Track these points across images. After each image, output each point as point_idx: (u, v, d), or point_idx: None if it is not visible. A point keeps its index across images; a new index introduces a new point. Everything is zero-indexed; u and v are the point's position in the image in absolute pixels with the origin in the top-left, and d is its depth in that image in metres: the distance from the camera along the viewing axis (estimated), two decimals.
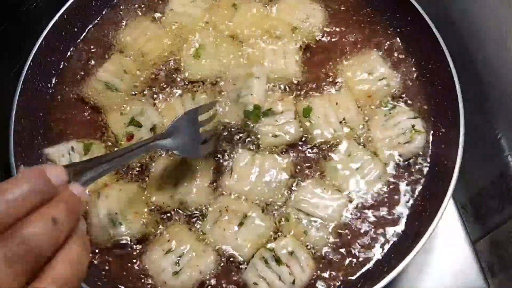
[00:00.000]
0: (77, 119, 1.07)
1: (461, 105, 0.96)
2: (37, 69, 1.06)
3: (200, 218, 0.95)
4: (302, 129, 1.02)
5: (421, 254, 0.90)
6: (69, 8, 1.12)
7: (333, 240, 0.93)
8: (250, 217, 0.92)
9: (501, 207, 1.04)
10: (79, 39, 1.17)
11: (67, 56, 1.15)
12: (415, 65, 1.10)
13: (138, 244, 0.94)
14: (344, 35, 1.14)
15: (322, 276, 0.91)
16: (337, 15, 1.17)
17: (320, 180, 0.98)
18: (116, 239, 0.93)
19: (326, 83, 1.08)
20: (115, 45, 1.15)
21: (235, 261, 0.92)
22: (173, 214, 0.96)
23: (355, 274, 0.92)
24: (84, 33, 1.18)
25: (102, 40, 1.16)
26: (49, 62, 1.11)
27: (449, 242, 1.09)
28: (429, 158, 1.01)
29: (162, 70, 1.11)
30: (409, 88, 1.08)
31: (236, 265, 0.92)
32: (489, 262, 1.10)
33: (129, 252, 0.94)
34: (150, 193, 0.97)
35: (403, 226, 0.96)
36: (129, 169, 1.00)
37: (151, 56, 1.12)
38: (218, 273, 0.91)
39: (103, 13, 1.20)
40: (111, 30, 1.17)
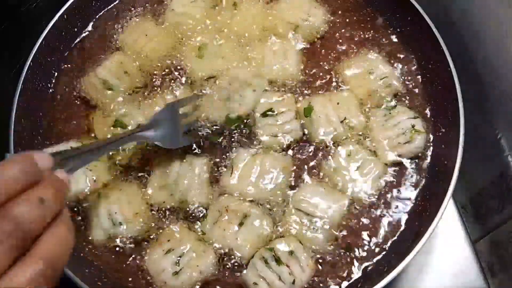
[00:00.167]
0: (77, 119, 1.07)
1: (461, 105, 0.96)
2: (37, 69, 1.06)
3: (200, 218, 0.95)
4: (302, 129, 1.02)
5: (421, 254, 0.90)
6: (69, 8, 1.12)
7: (333, 240, 0.93)
8: (250, 217, 0.92)
9: (501, 207, 1.04)
10: (79, 39, 1.17)
11: (67, 56, 1.15)
12: (415, 65, 1.10)
13: (138, 244, 0.94)
14: (344, 35, 1.14)
15: (322, 276, 0.91)
16: (337, 15, 1.17)
17: (320, 180, 0.98)
18: (116, 239, 0.93)
19: (326, 82, 1.08)
20: (115, 45, 1.15)
21: (235, 261, 0.92)
22: (173, 213, 0.96)
23: (355, 274, 0.92)
24: (84, 33, 1.18)
25: (102, 40, 1.16)
26: (49, 62, 1.11)
27: (449, 242, 1.09)
28: (429, 158, 1.01)
29: (162, 70, 1.11)
30: (409, 88, 1.08)
31: (236, 265, 0.92)
32: (489, 262, 1.10)
33: (129, 252, 0.94)
34: (150, 193, 0.97)
35: (403, 226, 0.96)
36: (128, 169, 1.00)
37: (152, 56, 1.12)
38: (218, 273, 0.91)
39: (103, 13, 1.20)
40: (111, 30, 1.17)
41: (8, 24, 1.14)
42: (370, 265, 0.92)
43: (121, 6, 1.21)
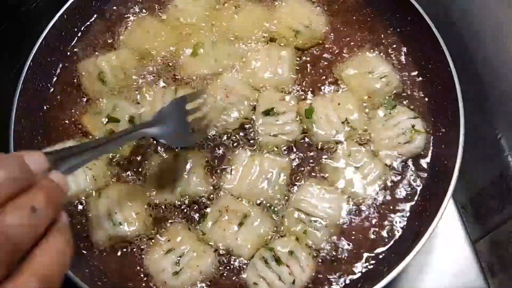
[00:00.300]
0: (77, 119, 1.07)
1: (461, 105, 0.96)
2: (37, 69, 1.06)
3: (200, 218, 0.95)
4: (302, 130, 1.02)
5: (421, 254, 0.90)
6: (69, 8, 1.11)
7: (333, 240, 0.93)
8: (250, 217, 0.92)
9: (501, 207, 1.04)
10: (79, 39, 1.17)
11: (67, 56, 1.15)
12: (415, 65, 1.10)
13: (138, 244, 0.94)
14: (344, 35, 1.14)
15: (322, 276, 0.91)
16: (337, 15, 1.17)
17: (320, 180, 0.98)
18: (116, 239, 0.93)
19: (327, 83, 1.08)
20: (116, 43, 1.15)
21: (235, 261, 0.92)
22: (173, 213, 0.96)
23: (355, 274, 0.92)
24: (84, 33, 1.18)
25: (102, 40, 1.16)
26: (49, 62, 1.11)
27: (449, 242, 1.09)
28: (429, 158, 1.01)
29: (160, 67, 1.11)
30: (409, 88, 1.08)
31: (236, 265, 0.92)
32: (489, 262, 1.10)
33: (129, 252, 0.94)
34: (151, 192, 0.97)
35: (403, 226, 0.96)
36: (128, 168, 1.00)
37: (154, 53, 1.11)
38: (218, 273, 0.91)
39: (103, 12, 1.20)
40: (111, 29, 1.17)
41: (8, 24, 1.14)
42: (370, 265, 0.92)
43: (121, 5, 1.21)
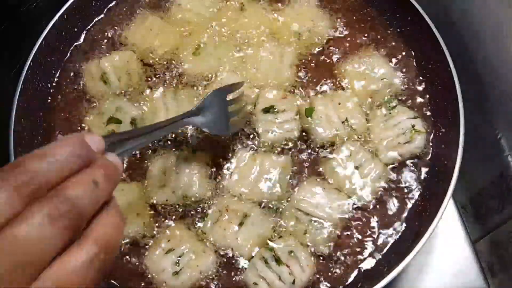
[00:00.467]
0: (77, 119, 1.07)
1: (461, 105, 0.96)
2: (37, 69, 1.06)
3: (200, 218, 0.95)
4: (301, 129, 1.02)
5: (421, 254, 0.90)
6: (69, 8, 1.11)
7: (333, 239, 0.93)
8: (250, 217, 0.92)
9: (501, 207, 1.04)
10: (79, 39, 1.17)
11: (67, 56, 1.15)
12: (415, 65, 1.10)
13: (138, 244, 0.94)
14: (344, 35, 1.14)
15: (322, 276, 0.91)
16: (337, 15, 1.17)
17: (321, 180, 0.98)
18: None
19: (327, 83, 1.08)
20: (117, 43, 1.15)
21: (235, 261, 0.92)
22: (173, 213, 0.96)
23: (355, 274, 0.92)
24: (84, 33, 1.17)
25: (102, 40, 1.16)
26: (49, 62, 1.10)
27: (449, 242, 1.09)
28: (429, 158, 1.01)
29: (163, 65, 1.11)
30: (409, 88, 1.08)
31: (236, 265, 0.92)
32: (489, 262, 1.10)
33: (129, 252, 0.94)
34: (152, 192, 0.97)
35: (403, 226, 0.96)
36: (127, 169, 1.00)
37: (156, 51, 1.11)
38: (218, 273, 0.91)
39: (103, 12, 1.20)
40: (112, 29, 1.17)
41: (8, 24, 1.14)
42: (370, 265, 0.92)
43: (121, 5, 1.21)
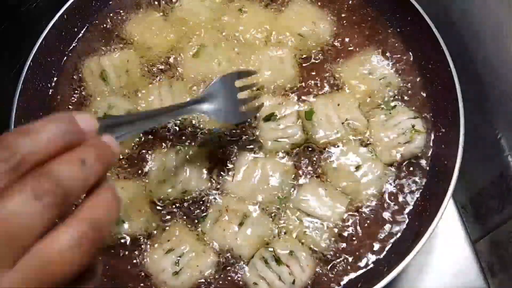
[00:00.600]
0: None
1: (461, 105, 0.96)
2: (37, 69, 1.06)
3: (200, 218, 0.95)
4: (304, 131, 1.01)
5: (421, 254, 0.90)
6: (69, 8, 1.11)
7: (333, 240, 0.93)
8: (250, 217, 0.92)
9: (501, 207, 1.04)
10: (79, 39, 1.17)
11: (67, 56, 1.15)
12: (415, 65, 1.10)
13: (138, 244, 0.94)
14: (344, 35, 1.14)
15: (322, 276, 0.91)
16: (337, 15, 1.17)
17: (321, 180, 0.98)
18: (118, 237, 0.93)
19: (327, 84, 1.08)
20: (117, 42, 1.15)
21: (235, 261, 0.92)
22: (174, 212, 0.96)
23: (355, 274, 0.92)
24: (84, 33, 1.18)
25: (103, 39, 1.16)
26: (49, 62, 1.10)
27: (449, 242, 1.09)
28: (429, 158, 1.01)
29: (161, 64, 1.11)
30: (409, 88, 1.08)
31: (236, 265, 0.92)
32: (489, 262, 1.10)
33: (129, 252, 0.94)
34: (152, 188, 0.97)
35: (403, 226, 0.96)
36: (127, 166, 1.00)
37: (155, 49, 1.11)
38: (218, 273, 0.91)
39: (103, 12, 1.20)
40: (112, 29, 1.17)
41: (8, 24, 1.14)
42: (370, 265, 0.92)
43: (121, 5, 1.20)
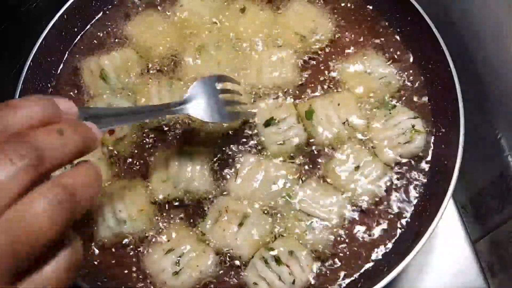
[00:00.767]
0: None
1: (461, 105, 0.96)
2: (37, 69, 1.06)
3: (200, 218, 0.95)
4: (306, 132, 1.01)
5: (421, 254, 0.90)
6: (69, 8, 1.11)
7: (333, 240, 0.93)
8: (250, 217, 0.92)
9: (501, 207, 1.04)
10: (79, 39, 1.17)
11: (67, 56, 1.15)
12: (415, 65, 1.10)
13: (138, 244, 0.94)
14: (344, 35, 1.14)
15: (322, 276, 0.91)
16: (337, 15, 1.17)
17: (321, 180, 0.98)
18: (119, 237, 0.93)
19: (326, 84, 1.08)
20: (117, 42, 1.15)
21: (235, 261, 0.92)
22: (174, 211, 0.96)
23: (355, 274, 0.92)
24: (84, 33, 1.18)
25: (103, 39, 1.16)
26: (49, 62, 1.11)
27: (449, 242, 1.09)
28: (429, 158, 1.01)
29: (161, 63, 1.10)
30: (409, 88, 1.08)
31: (236, 265, 0.92)
32: (489, 262, 1.10)
33: (129, 252, 0.94)
34: (154, 188, 0.97)
35: (403, 226, 0.96)
36: (129, 165, 1.01)
37: (155, 49, 1.11)
38: (218, 273, 0.91)
39: (103, 12, 1.20)
40: (112, 29, 1.17)
41: (8, 24, 1.14)
42: (370, 265, 0.93)
43: (121, 5, 1.21)
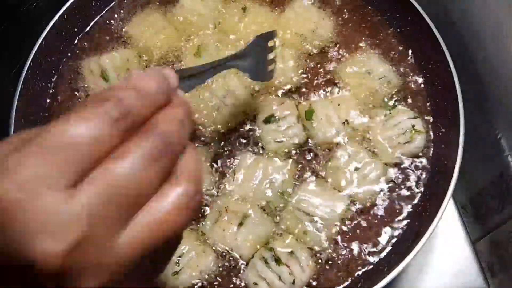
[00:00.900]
0: None
1: (461, 105, 0.96)
2: (37, 69, 1.06)
3: (200, 218, 0.95)
4: (305, 131, 1.01)
5: (421, 254, 0.90)
6: (69, 8, 1.11)
7: (333, 240, 0.93)
8: (250, 217, 0.92)
9: (501, 207, 1.04)
10: (79, 39, 1.17)
11: (67, 56, 1.15)
12: (415, 65, 1.10)
13: None
14: (344, 35, 1.14)
15: (322, 276, 0.91)
16: (337, 15, 1.17)
17: (321, 180, 0.98)
18: None
19: (326, 84, 1.08)
20: (118, 42, 1.15)
21: (235, 261, 0.92)
22: None
23: (355, 274, 0.92)
24: (85, 33, 1.18)
25: (103, 39, 1.16)
26: (49, 62, 1.10)
27: (449, 242, 1.09)
28: (429, 158, 1.01)
29: (162, 64, 1.10)
30: (409, 88, 1.08)
31: (236, 265, 0.92)
32: (489, 262, 1.10)
33: None
34: None
35: (403, 226, 0.96)
36: None
37: (156, 49, 1.11)
38: (218, 273, 0.91)
39: (103, 12, 1.20)
40: (112, 29, 1.17)
41: (8, 24, 1.14)
42: (370, 265, 0.92)
43: (121, 5, 1.20)
